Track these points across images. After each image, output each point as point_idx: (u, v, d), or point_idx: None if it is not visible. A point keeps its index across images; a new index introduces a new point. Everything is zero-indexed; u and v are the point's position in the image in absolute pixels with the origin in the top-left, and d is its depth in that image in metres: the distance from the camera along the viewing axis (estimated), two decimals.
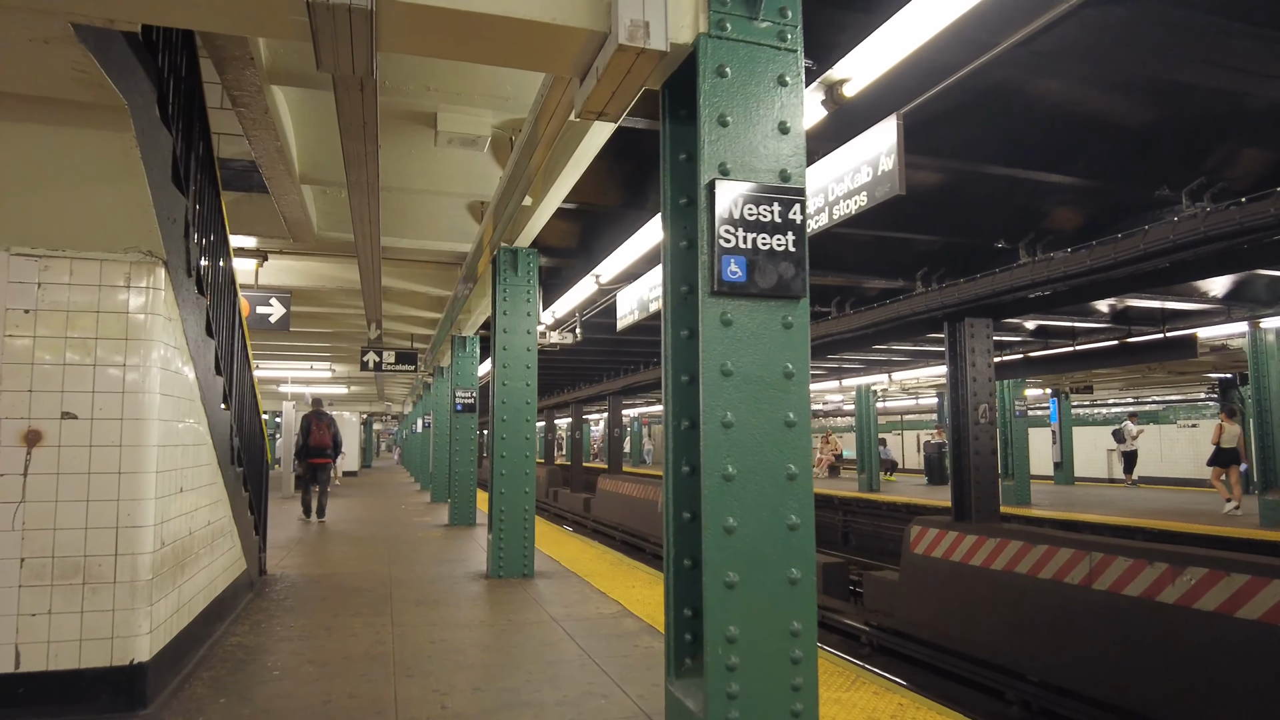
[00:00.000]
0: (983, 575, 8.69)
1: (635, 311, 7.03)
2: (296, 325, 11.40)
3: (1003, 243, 7.66)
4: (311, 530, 11.41)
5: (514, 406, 7.30)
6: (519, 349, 7.37)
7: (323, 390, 24.70)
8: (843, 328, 10.39)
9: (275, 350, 14.73)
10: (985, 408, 9.39)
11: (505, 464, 7.24)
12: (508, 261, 7.40)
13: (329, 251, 7.99)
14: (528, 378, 7.38)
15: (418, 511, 14.48)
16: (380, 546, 9.67)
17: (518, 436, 7.29)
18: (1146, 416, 25.28)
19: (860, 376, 19.46)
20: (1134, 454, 22.02)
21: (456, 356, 12.18)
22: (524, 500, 7.29)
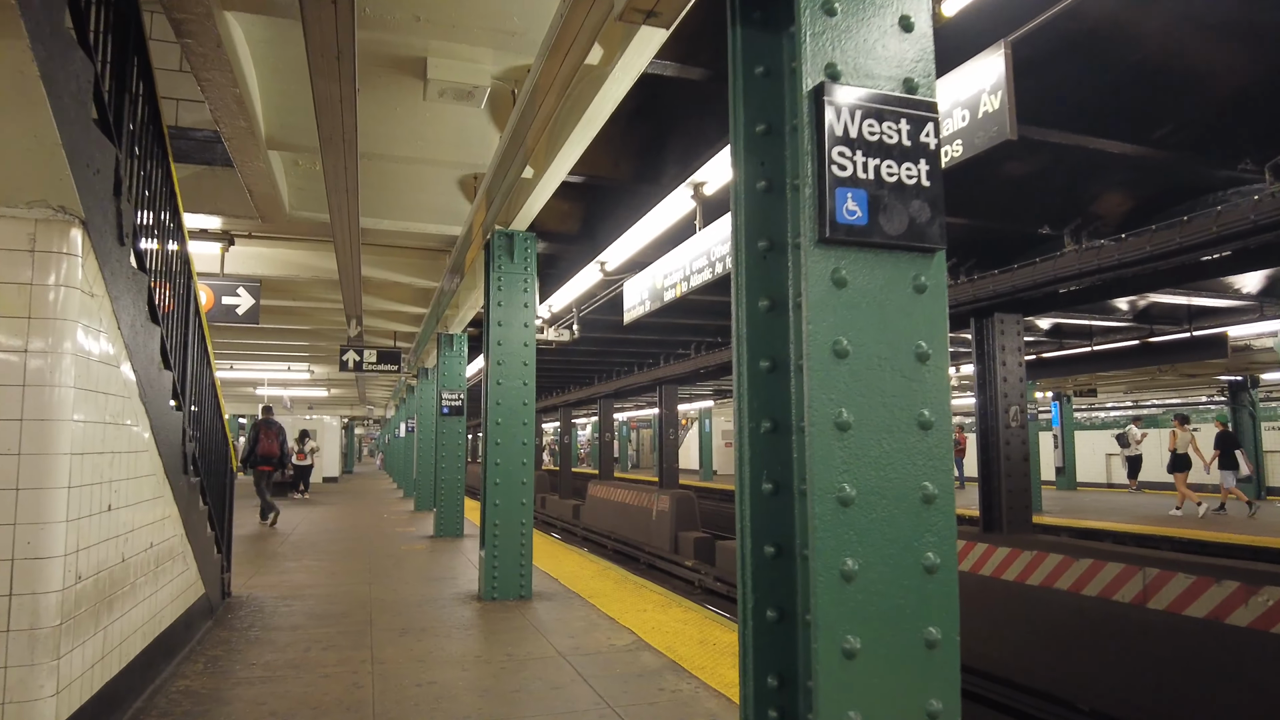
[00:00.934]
0: (1018, 592, 8.01)
1: (646, 301, 6.30)
2: (269, 320, 10.58)
3: (1047, 228, 6.98)
4: (286, 543, 10.57)
5: (509, 408, 6.54)
6: (515, 344, 6.61)
7: (301, 393, 23.79)
8: None
9: (249, 350, 13.88)
10: (1017, 409, 8.71)
11: (499, 471, 6.47)
12: (503, 247, 6.64)
13: (302, 235, 7.20)
14: (525, 376, 6.62)
15: (400, 521, 13.64)
16: (360, 562, 8.85)
17: (513, 441, 6.53)
18: (1145, 421, 24.82)
19: None
20: (1138, 459, 21.47)
21: (443, 356, 11.39)
22: (520, 512, 6.53)
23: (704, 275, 5.16)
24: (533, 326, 6.71)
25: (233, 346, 13.37)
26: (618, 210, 6.22)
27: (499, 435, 6.49)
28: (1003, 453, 8.60)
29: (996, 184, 6.72)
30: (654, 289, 6.16)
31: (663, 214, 5.60)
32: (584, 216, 6.71)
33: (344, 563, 8.78)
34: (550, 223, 6.81)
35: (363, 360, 11.30)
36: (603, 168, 5.68)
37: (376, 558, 9.21)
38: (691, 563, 14.87)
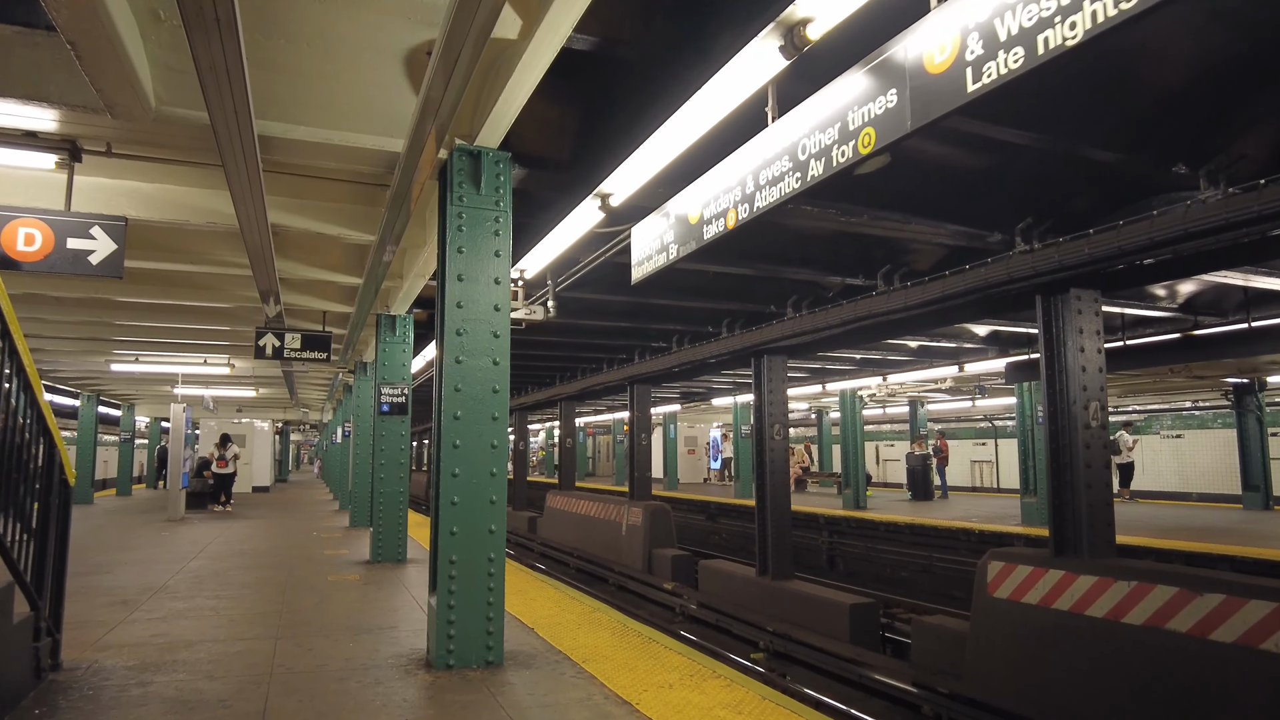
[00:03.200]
0: (1114, 633, 6.38)
1: (672, 246, 4.40)
2: (159, 290, 8.48)
3: (1183, 167, 5.37)
4: (184, 570, 8.45)
5: (474, 396, 4.66)
6: (482, 307, 4.74)
7: (226, 393, 21.36)
8: (891, 306, 8.02)
9: (150, 336, 11.62)
10: (1097, 406, 7.12)
11: (459, 486, 4.57)
12: (465, 171, 4.77)
13: (184, 152, 5.19)
14: (495, 352, 4.75)
15: (332, 541, 11.54)
16: (271, 600, 6.82)
17: (479, 444, 4.65)
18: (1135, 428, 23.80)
19: (847, 380, 17.22)
20: (1130, 466, 20.37)
21: (383, 342, 9.39)
22: (487, 543, 4.64)
23: (784, 186, 3.33)
24: (507, 284, 4.83)
25: (126, 330, 11.13)
26: (637, 106, 4.33)
27: (459, 434, 4.59)
28: (1081, 458, 6.98)
29: (1102, 103, 5.10)
30: (685, 225, 4.32)
31: (716, 97, 3.67)
32: (578, 129, 4.84)
33: (250, 602, 6.74)
34: (530, 140, 4.95)
35: (284, 346, 9.23)
36: (625, 24, 3.82)
37: (294, 594, 7.19)
38: (670, 585, 13.04)
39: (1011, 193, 6.52)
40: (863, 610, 9.69)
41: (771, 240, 7.64)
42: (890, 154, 5.70)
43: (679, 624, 11.99)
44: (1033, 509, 14.14)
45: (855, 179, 6.03)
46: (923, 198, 6.36)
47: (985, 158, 5.69)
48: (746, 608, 11.24)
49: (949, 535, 14.15)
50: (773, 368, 11.34)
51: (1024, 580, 7.25)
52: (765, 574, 11.20)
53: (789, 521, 11.34)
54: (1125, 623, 6.34)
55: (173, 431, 15.40)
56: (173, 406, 15.35)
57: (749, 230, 3.90)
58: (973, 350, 14.40)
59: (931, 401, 25.10)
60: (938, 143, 5.33)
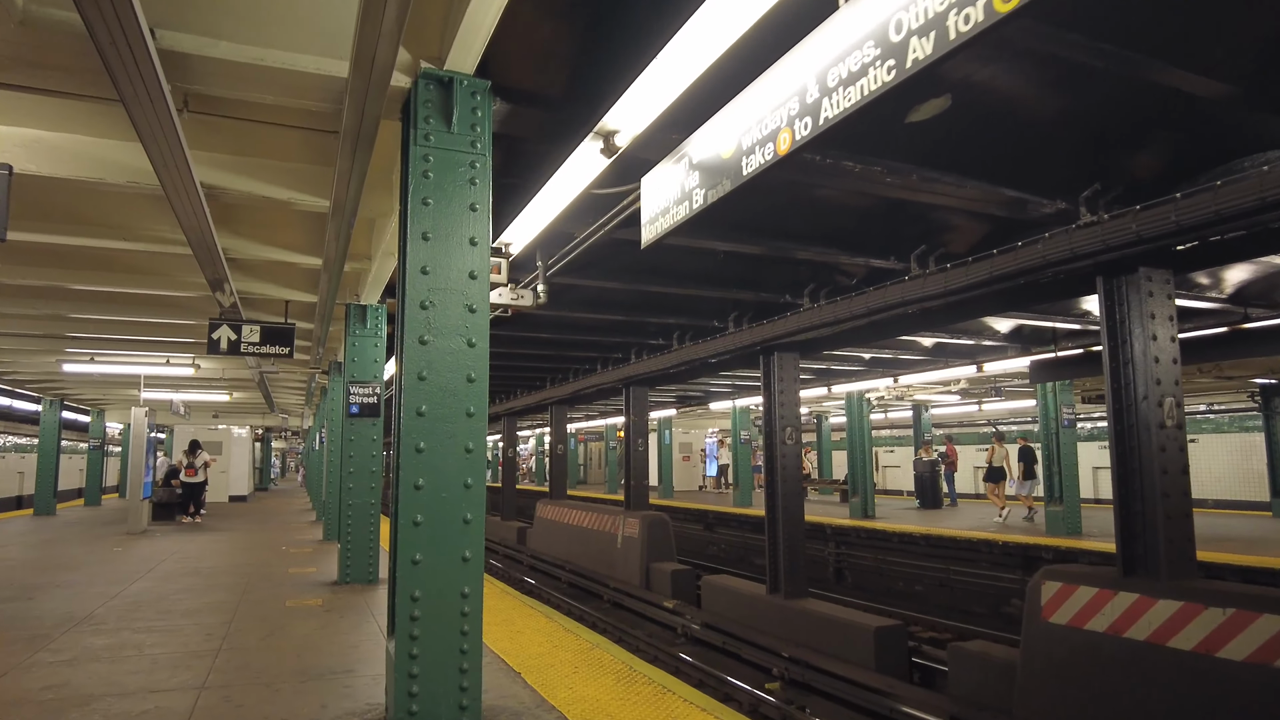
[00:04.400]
0: (1208, 669, 5.41)
1: (697, 191, 3.39)
2: (97, 277, 7.44)
3: None
4: (125, 594, 7.39)
5: (442, 387, 3.66)
6: (454, 274, 3.74)
7: (199, 397, 20.22)
8: (928, 291, 7.05)
9: (101, 333, 10.54)
10: (1172, 402, 6.17)
11: (424, 503, 3.56)
12: (434, 104, 3.78)
13: (77, 79, 4.16)
14: (471, 330, 3.75)
15: (301, 556, 10.48)
16: (213, 633, 5.78)
17: (449, 447, 3.64)
18: None
19: (855, 381, 16.24)
20: None
21: (352, 335, 8.37)
22: (460, 576, 3.62)
23: (867, 82, 2.33)
24: (485, 246, 3.83)
25: (70, 325, 10.05)
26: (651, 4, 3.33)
27: (423, 435, 3.58)
28: (1155, 463, 6.01)
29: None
30: (717, 161, 3.32)
31: None
32: (576, 49, 3.82)
33: (186, 636, 5.70)
34: (515, 68, 3.95)
35: (241, 339, 8.18)
36: None
37: (242, 624, 6.14)
38: (671, 603, 12.02)
39: (1078, 149, 5.57)
40: (890, 634, 8.69)
41: (790, 213, 6.66)
42: (953, 93, 4.77)
43: (681, 646, 10.98)
44: (1056, 517, 13.20)
45: (902, 131, 5.08)
46: (977, 155, 5.39)
47: (1058, 98, 4.73)
48: (756, 629, 10.24)
49: (969, 547, 13.19)
50: (784, 366, 10.36)
51: (1087, 604, 6.27)
52: (777, 592, 10.20)
53: (803, 534, 10.35)
54: (1222, 658, 5.37)
55: (133, 437, 14.30)
56: (134, 411, 14.25)
57: (775, 187, 2.95)
58: (991, 348, 13.48)
59: (935, 406, 24.20)
60: (1013, 72, 4.37)
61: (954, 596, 13.48)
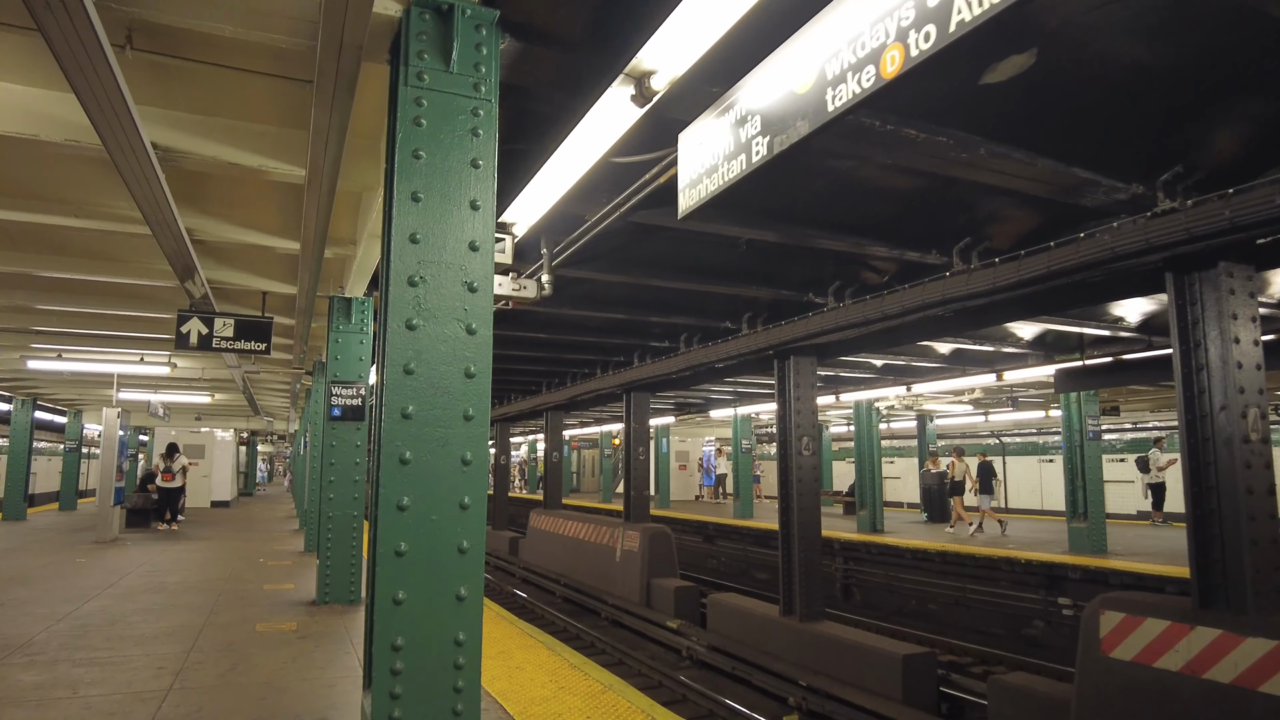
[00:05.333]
0: None
1: (759, 142, 2.69)
2: (32, 260, 6.69)
3: None
4: (75, 615, 6.62)
5: (434, 383, 2.94)
6: (450, 244, 3.03)
7: (179, 399, 19.40)
8: (974, 288, 6.36)
9: (65, 327, 9.76)
10: (1256, 414, 5.51)
11: (409, 527, 2.83)
12: (429, 37, 3.07)
13: None
14: (471, 315, 3.03)
15: (277, 571, 9.71)
16: (167, 665, 5.02)
17: (442, 458, 2.92)
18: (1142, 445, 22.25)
19: (865, 389, 15.55)
20: (1162, 486, 18.85)
21: (335, 330, 7.64)
22: (454, 619, 2.89)
23: None
24: (490, 211, 3.12)
25: (30, 316, 9.28)
26: None
27: (410, 443, 2.86)
28: (1239, 481, 5.33)
29: None
30: (789, 99, 2.62)
31: None
32: None
33: (133, 672, 4.94)
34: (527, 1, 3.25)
35: (213, 333, 7.43)
36: None
37: (203, 655, 5.39)
38: (676, 623, 11.28)
39: (1160, 124, 4.90)
40: (918, 662, 7.98)
41: (823, 197, 5.98)
42: (1040, 48, 4.09)
43: (686, 669, 10.24)
44: (1081, 535, 12.52)
45: (972, 96, 4.40)
46: (1049, 129, 4.72)
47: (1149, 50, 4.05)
48: (768, 653, 9.51)
49: (988, 565, 12.51)
50: (800, 371, 9.67)
51: (1157, 639, 5.58)
52: (791, 613, 9.48)
53: (819, 552, 9.64)
54: None
55: (104, 439, 13.49)
56: (105, 411, 13.45)
57: (812, 166, 2.28)
58: (1011, 356, 12.83)
59: (939, 416, 23.57)
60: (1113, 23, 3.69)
61: (971, 617, 12.79)
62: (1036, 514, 25.27)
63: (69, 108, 4.13)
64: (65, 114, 4.16)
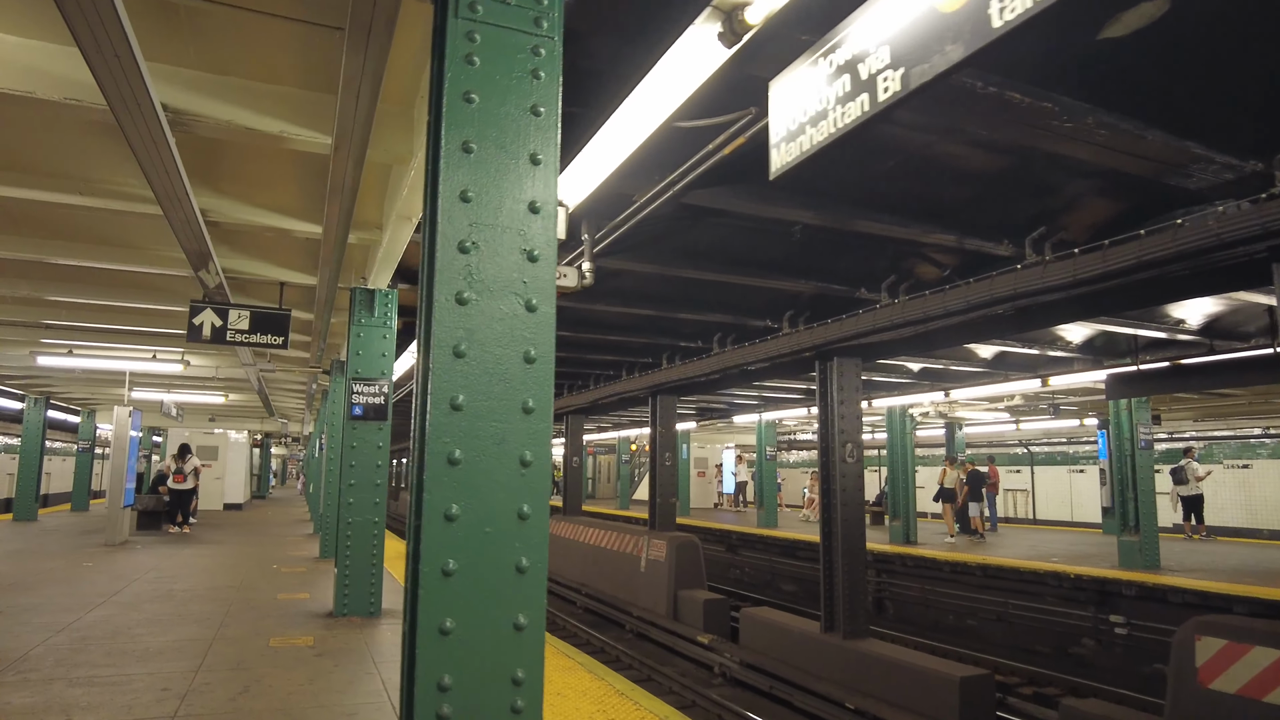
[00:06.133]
0: None
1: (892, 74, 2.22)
2: (38, 245, 6.27)
3: None
4: (75, 627, 6.18)
5: (488, 367, 2.44)
6: (507, 205, 2.54)
7: (192, 399, 19.05)
8: (1051, 281, 5.84)
9: (75, 320, 9.36)
10: None
11: (460, 541, 2.33)
12: None
13: None
14: (531, 290, 2.54)
15: (292, 578, 9.26)
16: (171, 688, 4.55)
17: (497, 457, 2.42)
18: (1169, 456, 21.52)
19: (900, 395, 14.98)
20: (1198, 499, 18.16)
21: (357, 324, 7.18)
22: (512, 654, 2.39)
23: None
24: (553, 168, 2.64)
25: (38, 308, 8.88)
26: None
27: (460, 439, 2.36)
28: None
29: None
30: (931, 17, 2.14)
31: None
32: None
33: (134, 694, 4.47)
34: None
35: (227, 326, 6.99)
36: None
37: (213, 675, 4.92)
38: (707, 638, 10.74)
39: None
40: (976, 685, 7.43)
41: (894, 178, 5.47)
42: None
43: (719, 687, 9.71)
44: (1131, 549, 11.90)
45: (1085, 54, 3.89)
46: (1164, 95, 4.20)
47: None
48: (808, 672, 8.97)
49: (1032, 579, 11.91)
50: (844, 373, 9.15)
51: (1267, 670, 5.03)
52: (833, 630, 8.93)
53: (865, 565, 9.10)
54: None
55: (115, 439, 13.10)
56: (116, 410, 13.06)
57: (887, 142, 1.80)
58: (1057, 360, 12.27)
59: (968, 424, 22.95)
60: None
61: (1014, 633, 12.20)
62: (1066, 525, 24.60)
63: (67, 62, 3.69)
64: (64, 69, 3.71)
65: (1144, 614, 10.38)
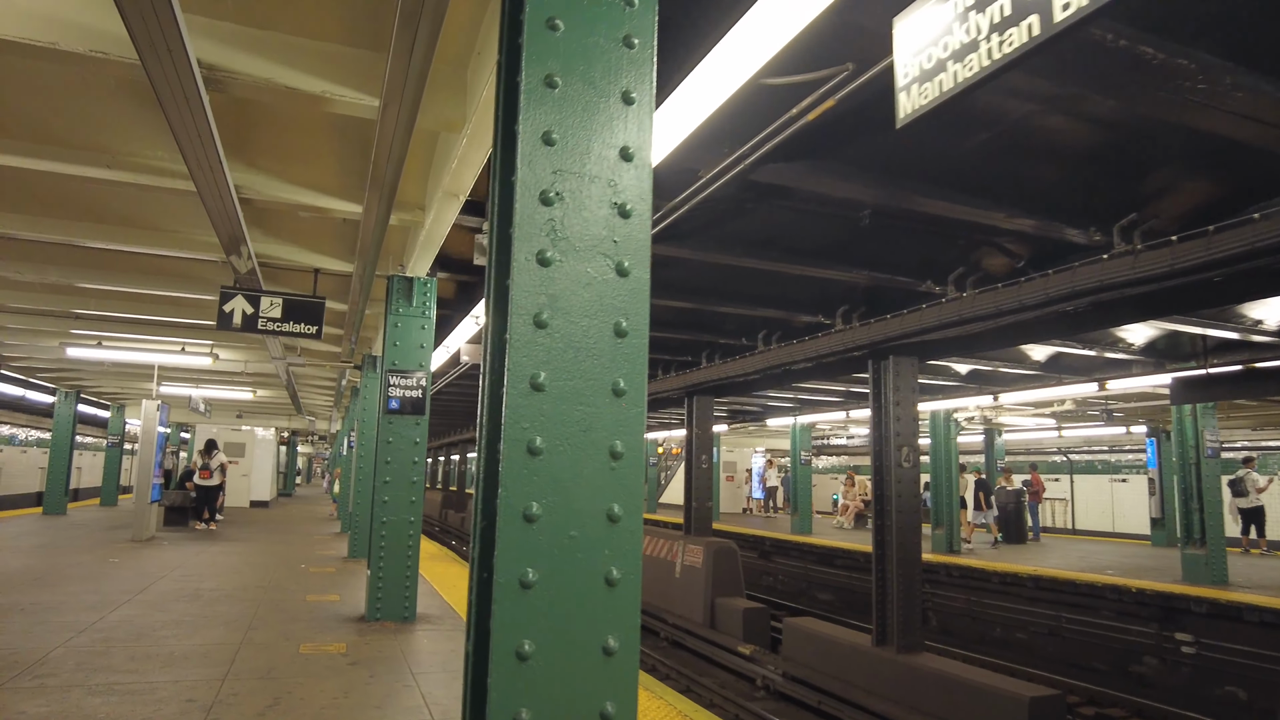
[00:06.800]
0: None
1: None
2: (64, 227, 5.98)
3: None
4: (89, 635, 5.88)
5: (573, 340, 2.04)
6: (595, 154, 2.14)
7: (219, 394, 18.90)
8: (1145, 271, 5.34)
9: (105, 309, 9.12)
10: None
11: (541, 546, 1.93)
12: None
13: None
14: (622, 250, 2.14)
15: (321, 578, 8.94)
16: (196, 697, 4.21)
17: (585, 449, 2.01)
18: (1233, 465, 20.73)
19: (945, 399, 14.41)
20: (1259, 511, 17.40)
21: (394, 313, 6.83)
22: (602, 683, 1.99)
23: None
24: (648, 110, 2.23)
25: (66, 296, 8.64)
26: None
27: (540, 425, 1.96)
28: None
29: None
30: None
31: None
32: None
33: (159, 704, 4.12)
34: None
35: (259, 313, 6.68)
36: None
37: (240, 684, 4.57)
38: (749, 649, 10.30)
39: None
40: (1046, 707, 6.93)
41: (982, 156, 5.02)
42: None
43: (761, 700, 9.27)
44: (1196, 563, 11.30)
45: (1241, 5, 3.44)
46: None
47: None
48: (858, 687, 8.50)
49: (1089, 592, 11.34)
50: (901, 373, 8.68)
51: None
52: (886, 644, 8.45)
53: (920, 575, 8.61)
54: None
55: (142, 433, 12.90)
56: (144, 404, 12.85)
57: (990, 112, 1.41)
58: (1114, 363, 11.71)
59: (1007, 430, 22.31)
60: None
61: (1067, 648, 11.63)
62: (1107, 536, 23.83)
63: (95, 10, 3.35)
64: (90, 19, 3.37)
65: (1214, 632, 9.80)
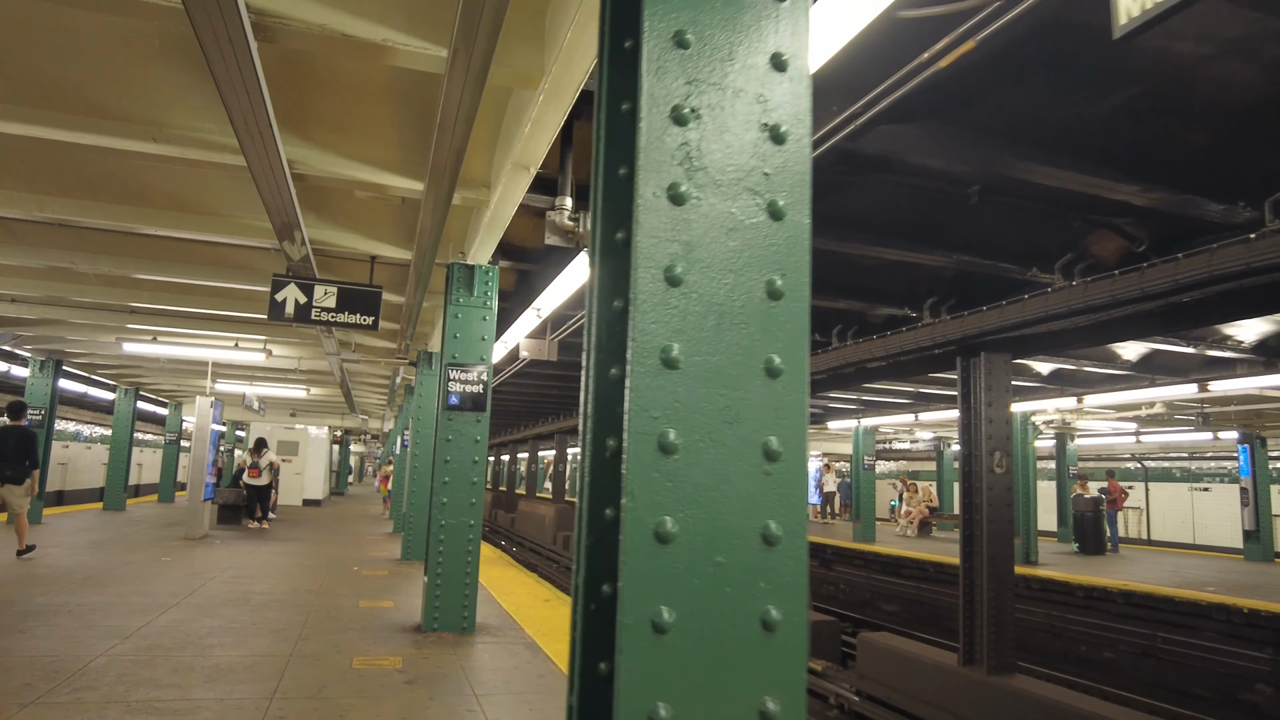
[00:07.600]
0: None
1: None
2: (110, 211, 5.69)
3: None
4: (135, 640, 5.57)
5: (715, 306, 1.51)
6: (739, 62, 1.61)
7: (272, 391, 18.85)
8: None
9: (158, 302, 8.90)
10: None
11: (679, 572, 1.43)
12: None
13: None
14: (775, 186, 1.59)
15: (374, 582, 8.60)
16: (243, 717, 3.82)
17: (732, 444, 1.49)
18: None
19: (1024, 401, 13.59)
20: None
21: (454, 304, 6.43)
22: None
23: None
24: (804, 8, 1.72)
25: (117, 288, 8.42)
26: None
27: (674, 414, 1.46)
28: None
29: None
30: None
31: None
32: None
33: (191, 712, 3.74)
34: None
35: (312, 302, 6.33)
36: None
37: (289, 705, 4.17)
38: (822, 665, 9.71)
39: None
40: None
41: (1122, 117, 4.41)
42: None
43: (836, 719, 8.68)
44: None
45: None
46: None
47: None
48: (942, 709, 7.86)
49: (1190, 610, 10.50)
50: (993, 371, 8.01)
51: None
52: (974, 663, 7.79)
53: (1013, 590, 7.93)
54: None
55: (196, 430, 12.78)
56: (198, 400, 12.74)
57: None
58: (1215, 362, 10.86)
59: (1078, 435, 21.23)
60: None
61: (1162, 671, 10.79)
62: (1187, 548, 22.56)
63: None
64: None
65: None
